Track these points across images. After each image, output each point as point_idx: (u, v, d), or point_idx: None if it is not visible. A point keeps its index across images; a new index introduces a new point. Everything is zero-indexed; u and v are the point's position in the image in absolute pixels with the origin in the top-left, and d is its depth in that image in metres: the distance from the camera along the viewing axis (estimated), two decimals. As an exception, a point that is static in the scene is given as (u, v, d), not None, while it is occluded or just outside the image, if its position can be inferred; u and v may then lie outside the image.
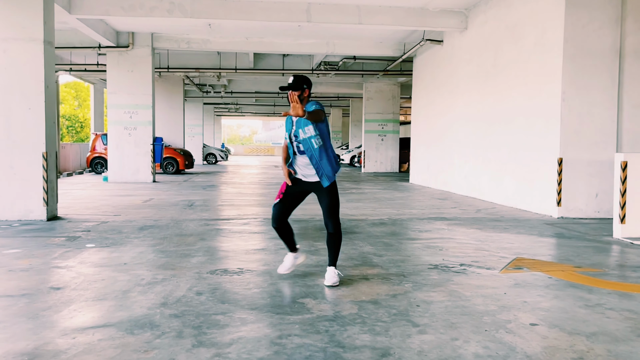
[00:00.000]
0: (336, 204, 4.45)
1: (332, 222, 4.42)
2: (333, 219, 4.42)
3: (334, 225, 4.43)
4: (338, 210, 4.47)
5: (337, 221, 4.44)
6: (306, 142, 4.32)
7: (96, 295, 4.08)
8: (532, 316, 3.66)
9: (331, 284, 4.40)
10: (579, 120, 8.59)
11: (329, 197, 4.42)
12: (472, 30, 12.15)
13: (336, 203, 4.45)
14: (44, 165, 7.90)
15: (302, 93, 4.31)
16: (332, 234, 4.46)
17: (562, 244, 6.42)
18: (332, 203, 4.42)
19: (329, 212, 4.42)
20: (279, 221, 4.54)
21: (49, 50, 8.00)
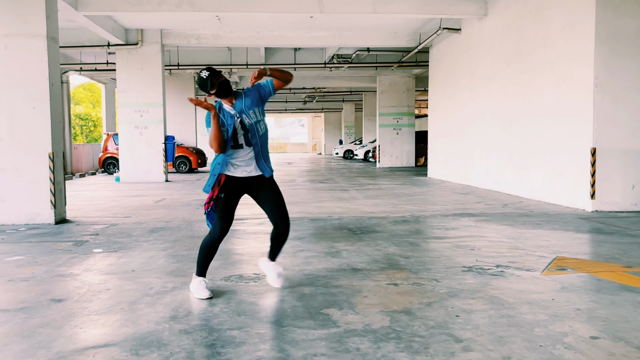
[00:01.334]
0: (282, 196, 4.05)
1: (286, 218, 3.98)
2: (287, 215, 3.99)
3: (288, 222, 4.00)
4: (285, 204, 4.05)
5: (288, 217, 4.02)
6: (253, 127, 3.82)
7: (100, 308, 3.71)
8: (590, 327, 3.21)
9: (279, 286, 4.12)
10: (613, 107, 8.05)
11: (275, 190, 3.98)
12: (492, 17, 11.61)
13: (282, 196, 4.05)
14: (50, 166, 7.57)
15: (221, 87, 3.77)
16: (286, 232, 4.01)
17: (604, 241, 5.93)
18: (281, 195, 4.01)
19: (281, 207, 3.97)
20: (223, 233, 3.87)
21: (52, 47, 7.66)
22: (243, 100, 3.85)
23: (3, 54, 7.43)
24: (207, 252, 3.96)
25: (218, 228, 3.87)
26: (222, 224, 3.88)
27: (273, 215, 4.00)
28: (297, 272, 4.68)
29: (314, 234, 6.50)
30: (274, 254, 4.20)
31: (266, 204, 4.00)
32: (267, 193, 3.97)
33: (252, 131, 3.84)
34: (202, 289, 3.94)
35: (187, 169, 19.76)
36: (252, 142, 3.86)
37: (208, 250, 3.96)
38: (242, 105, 3.84)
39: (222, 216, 3.88)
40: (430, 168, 16.40)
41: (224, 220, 3.89)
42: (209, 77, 3.69)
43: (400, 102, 22.54)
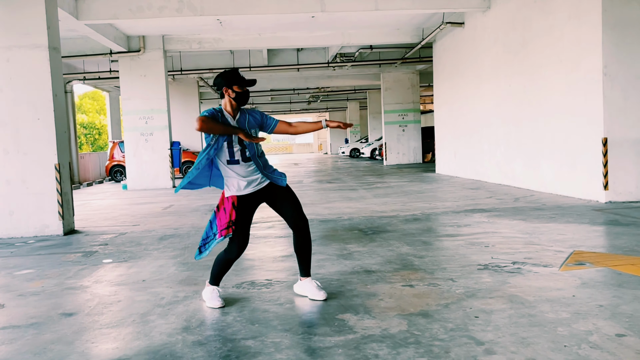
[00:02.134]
0: (299, 200, 3.91)
1: (303, 221, 3.84)
2: (304, 217, 3.85)
3: (306, 224, 3.84)
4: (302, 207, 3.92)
5: (306, 220, 3.89)
6: (252, 146, 3.72)
7: (111, 321, 3.64)
8: (615, 324, 3.11)
9: (323, 298, 3.84)
10: (624, 95, 7.91)
11: (291, 194, 3.85)
12: (496, 9, 11.47)
13: (298, 200, 3.91)
14: (57, 177, 7.54)
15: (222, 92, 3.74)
16: (307, 237, 3.84)
17: (621, 233, 5.81)
18: (297, 199, 3.87)
19: (299, 210, 3.83)
20: (240, 252, 3.78)
21: (54, 57, 7.62)
22: (247, 118, 3.79)
23: (6, 66, 7.41)
24: (222, 267, 3.89)
25: (235, 248, 3.76)
26: (239, 243, 3.76)
27: (292, 219, 3.83)
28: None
29: (325, 236, 6.41)
30: (304, 268, 3.94)
31: (284, 210, 3.86)
32: (284, 197, 3.85)
33: (250, 148, 3.72)
34: (215, 298, 3.86)
35: (194, 173, 19.71)
36: (249, 157, 3.73)
37: (223, 265, 3.88)
38: (245, 122, 3.77)
39: (239, 236, 3.76)
40: (438, 164, 16.27)
41: (240, 240, 3.76)
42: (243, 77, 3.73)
43: (405, 99, 22.41)
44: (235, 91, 3.70)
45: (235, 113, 3.77)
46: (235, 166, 3.72)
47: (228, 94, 3.72)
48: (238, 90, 3.70)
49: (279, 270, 4.88)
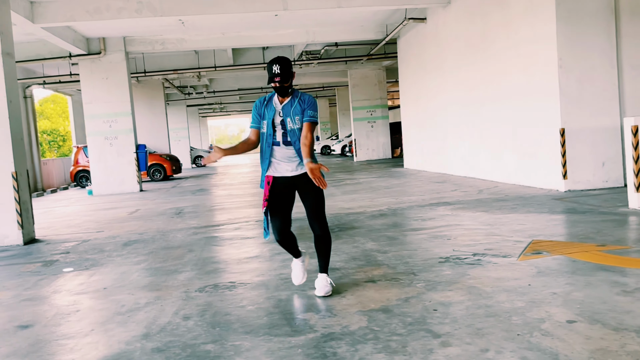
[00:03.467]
0: (323, 200, 3.89)
1: (319, 222, 3.86)
2: (321, 218, 3.86)
3: (322, 225, 3.86)
4: (324, 207, 3.91)
5: (325, 221, 3.89)
6: (294, 132, 3.79)
7: (69, 332, 3.57)
8: (567, 311, 3.20)
9: (324, 294, 3.86)
10: (579, 86, 8.13)
11: (316, 193, 3.84)
12: (456, 4, 11.64)
13: (323, 199, 3.89)
14: (14, 185, 7.33)
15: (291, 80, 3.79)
16: (321, 236, 3.89)
17: (578, 220, 5.98)
18: (319, 199, 3.86)
19: (317, 210, 3.85)
20: (282, 233, 3.88)
21: (8, 63, 7.41)
22: (294, 104, 3.81)
23: (-44, 73, 7.17)
24: (284, 246, 4.02)
25: (275, 231, 3.90)
26: (275, 225, 3.88)
27: (309, 218, 3.91)
28: (274, 276, 4.60)
29: (291, 235, 6.40)
30: (320, 265, 3.98)
31: (305, 205, 3.91)
32: (308, 194, 3.86)
33: (292, 135, 3.79)
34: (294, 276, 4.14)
35: (162, 176, 19.48)
36: (291, 141, 3.80)
37: (283, 245, 4.01)
38: (291, 109, 3.81)
39: (274, 218, 3.88)
40: (406, 159, 16.43)
41: (276, 222, 3.87)
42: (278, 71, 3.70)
43: (373, 95, 22.56)
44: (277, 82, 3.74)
45: (283, 99, 3.83)
46: (280, 149, 3.83)
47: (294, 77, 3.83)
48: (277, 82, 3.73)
49: (243, 272, 4.86)
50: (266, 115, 3.82)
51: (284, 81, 3.72)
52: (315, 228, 3.89)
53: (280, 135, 3.80)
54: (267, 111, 3.83)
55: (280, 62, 3.72)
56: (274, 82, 3.73)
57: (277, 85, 3.74)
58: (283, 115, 3.80)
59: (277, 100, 3.85)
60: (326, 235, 3.91)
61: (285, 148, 3.82)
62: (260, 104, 3.89)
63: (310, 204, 3.86)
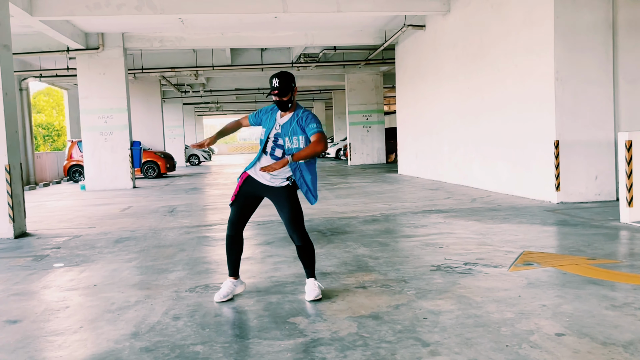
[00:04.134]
0: (300, 210, 3.93)
1: (298, 232, 3.90)
2: (300, 229, 3.90)
3: (302, 235, 3.91)
4: (302, 217, 3.94)
5: (304, 231, 3.93)
6: (291, 151, 3.81)
7: (57, 328, 3.55)
8: (555, 324, 3.22)
9: (313, 298, 3.87)
10: (575, 99, 8.18)
11: (292, 203, 3.87)
12: (455, 13, 11.70)
13: (300, 210, 3.92)
14: (7, 178, 7.29)
15: (292, 95, 3.82)
16: (302, 247, 3.94)
17: (569, 233, 6.01)
18: (297, 210, 3.89)
19: (295, 221, 3.88)
20: (235, 227, 3.93)
21: (5, 55, 7.38)
22: (294, 125, 3.80)
23: (-48, 63, 7.12)
24: (227, 247, 4.01)
25: (230, 224, 3.96)
26: (230, 217, 3.96)
27: (287, 229, 3.96)
28: (265, 279, 4.60)
29: (284, 238, 6.41)
30: (309, 272, 4.02)
31: (282, 216, 3.95)
32: (283, 205, 3.89)
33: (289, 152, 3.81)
34: (218, 291, 4.02)
35: (156, 174, 19.42)
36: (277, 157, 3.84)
37: (227, 245, 4.01)
38: (289, 128, 3.82)
39: (233, 211, 3.95)
40: (400, 164, 16.47)
41: (232, 214, 3.95)
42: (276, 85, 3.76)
43: (369, 100, 22.60)
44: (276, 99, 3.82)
45: (284, 114, 3.88)
46: (266, 158, 3.89)
47: (296, 91, 3.89)
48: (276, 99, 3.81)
49: (234, 273, 4.85)
50: (265, 125, 3.91)
51: (282, 95, 3.76)
52: (295, 239, 3.94)
53: (270, 148, 3.88)
54: (268, 121, 3.91)
55: (280, 76, 3.78)
56: (273, 96, 3.79)
57: (276, 99, 3.81)
58: (281, 133, 3.84)
59: (279, 115, 3.91)
60: (307, 244, 3.95)
61: (271, 160, 3.86)
62: (265, 111, 4.00)
63: (287, 215, 3.89)
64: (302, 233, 3.91)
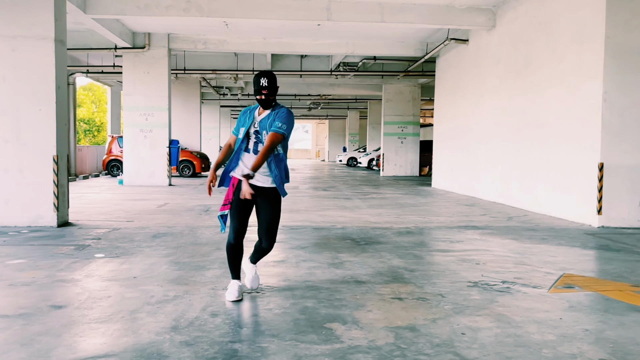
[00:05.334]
0: (279, 217, 4.07)
1: (271, 238, 4.05)
2: (273, 235, 4.06)
3: (272, 241, 4.07)
4: (279, 224, 4.10)
5: (275, 237, 4.09)
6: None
7: (100, 316, 3.66)
8: (599, 349, 3.15)
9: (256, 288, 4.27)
10: (622, 122, 7.99)
11: (274, 207, 3.99)
12: (501, 28, 11.58)
13: (279, 216, 4.07)
14: (54, 169, 7.55)
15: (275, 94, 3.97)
16: (266, 249, 4.13)
17: (611, 258, 5.86)
18: (276, 215, 4.02)
19: (272, 226, 4.01)
20: (238, 237, 3.99)
21: (60, 49, 7.66)
22: (271, 118, 3.94)
23: (11, 55, 7.44)
24: (229, 255, 4.09)
25: (231, 232, 3.99)
26: (233, 226, 3.98)
27: (261, 229, 4.07)
28: (301, 283, 4.63)
29: (317, 244, 6.44)
30: (254, 260, 4.29)
31: (260, 218, 4.05)
32: (267, 207, 4.00)
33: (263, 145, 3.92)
34: (229, 292, 4.08)
35: (191, 173, 19.74)
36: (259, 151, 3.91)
37: (229, 254, 4.08)
38: (267, 122, 3.95)
39: (233, 219, 3.97)
40: (434, 178, 16.33)
41: (234, 223, 3.97)
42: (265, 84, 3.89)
43: (406, 111, 22.51)
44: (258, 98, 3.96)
45: (262, 112, 4.02)
46: (246, 154, 3.98)
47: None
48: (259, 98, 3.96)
49: (270, 275, 4.90)
50: (245, 123, 4.00)
51: (270, 94, 3.92)
52: (264, 242, 4.07)
53: (252, 144, 3.98)
54: (247, 120, 4.01)
55: (268, 76, 3.93)
56: (260, 94, 3.91)
57: (263, 98, 3.92)
58: (259, 127, 3.97)
59: (258, 112, 4.04)
60: (270, 249, 4.13)
61: (254, 157, 3.94)
62: (243, 113, 4.10)
63: (270, 217, 4.00)
64: (274, 239, 4.09)
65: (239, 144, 4.00)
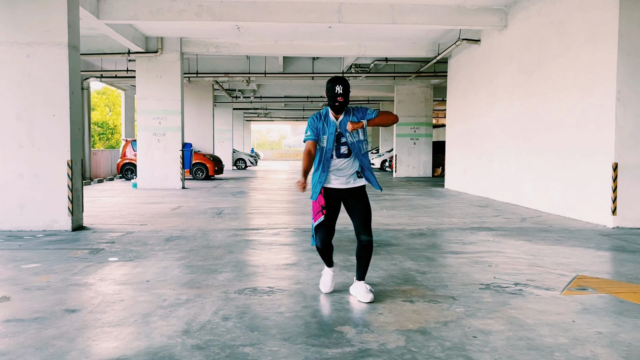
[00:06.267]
0: (371, 211, 4.22)
1: (369, 231, 4.15)
2: (370, 228, 4.16)
3: (370, 234, 4.17)
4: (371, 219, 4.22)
5: (371, 232, 4.19)
6: (354, 145, 4.11)
7: (114, 320, 3.70)
8: (613, 352, 3.11)
9: (370, 300, 4.08)
10: (636, 121, 7.88)
11: (366, 204, 4.16)
12: (513, 28, 11.50)
13: (370, 210, 4.22)
14: (69, 173, 7.65)
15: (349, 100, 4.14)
16: (367, 246, 4.15)
17: (625, 259, 5.78)
18: (369, 210, 4.18)
19: (367, 220, 4.15)
20: (327, 241, 4.17)
21: (74, 55, 7.76)
22: (351, 118, 4.10)
23: (25, 61, 7.55)
24: (321, 254, 4.30)
25: (320, 240, 4.15)
26: (321, 234, 4.13)
27: (358, 227, 4.13)
28: (312, 285, 4.63)
29: (329, 246, 6.43)
30: (359, 273, 4.23)
31: (355, 215, 4.16)
32: (358, 204, 4.14)
33: (353, 148, 4.09)
34: (323, 282, 4.36)
35: (204, 176, 19.86)
36: (346, 155, 4.09)
37: (322, 254, 4.31)
38: (346, 123, 4.09)
39: (322, 227, 4.12)
40: (447, 179, 16.25)
41: (323, 231, 4.12)
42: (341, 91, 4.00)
43: (418, 112, 22.43)
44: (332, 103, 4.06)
45: (337, 115, 4.12)
46: (336, 161, 4.11)
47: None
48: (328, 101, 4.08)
49: (281, 278, 4.92)
50: (326, 131, 4.08)
51: (346, 101, 4.04)
52: (364, 236, 4.14)
53: (335, 149, 4.09)
54: (327, 126, 4.09)
55: (343, 83, 4.02)
56: (335, 101, 4.01)
57: (338, 105, 4.03)
58: (342, 130, 4.08)
59: (333, 117, 4.13)
60: (371, 245, 4.18)
61: (340, 161, 4.10)
62: (316, 120, 4.15)
63: (363, 212, 4.13)
64: (371, 232, 4.16)
65: (325, 154, 4.07)
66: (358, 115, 4.14)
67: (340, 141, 4.10)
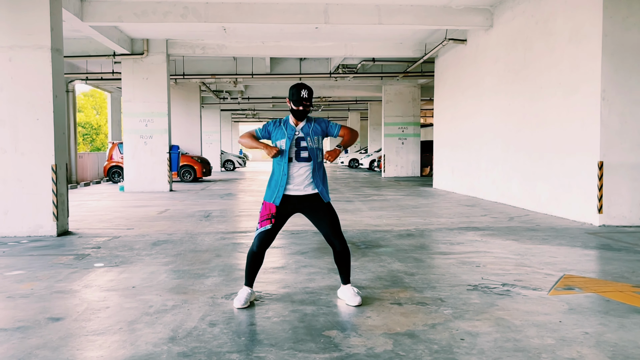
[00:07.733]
0: (337, 216, 4.18)
1: (339, 238, 4.13)
2: (340, 235, 4.15)
3: (342, 241, 4.15)
4: (339, 222, 4.20)
5: (343, 236, 4.17)
6: (313, 150, 4.07)
7: (98, 328, 3.64)
8: (599, 353, 3.12)
9: (357, 304, 4.07)
10: (621, 120, 7.96)
11: (330, 212, 4.12)
12: (498, 28, 11.56)
13: (337, 215, 4.18)
14: (53, 178, 7.55)
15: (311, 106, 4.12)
16: (342, 252, 4.15)
17: (612, 258, 5.83)
18: (336, 219, 4.14)
19: (335, 227, 4.12)
20: (264, 246, 4.11)
21: (57, 58, 7.66)
22: (312, 126, 4.10)
23: (7, 65, 7.44)
24: (250, 262, 4.15)
25: (257, 241, 4.08)
26: (262, 239, 4.06)
27: (327, 236, 4.13)
28: (300, 289, 4.61)
29: (318, 249, 6.42)
30: (343, 277, 4.23)
31: (321, 225, 4.13)
32: (322, 214, 4.11)
33: (312, 152, 4.05)
34: (237, 298, 4.11)
35: (192, 178, 19.75)
36: (307, 160, 4.05)
37: (250, 261, 4.15)
38: (309, 130, 4.09)
39: (266, 232, 4.05)
40: (435, 179, 16.31)
41: (265, 236, 4.06)
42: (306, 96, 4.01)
43: (406, 112, 22.49)
44: (290, 105, 4.07)
45: (298, 122, 4.11)
46: (295, 165, 4.05)
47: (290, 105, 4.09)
48: (291, 106, 4.06)
49: (269, 282, 4.89)
50: (284, 135, 4.06)
51: (309, 106, 4.05)
52: (336, 244, 4.13)
53: (294, 153, 4.06)
54: (285, 132, 4.07)
55: (308, 89, 4.04)
56: (300, 105, 4.00)
57: (301, 109, 4.03)
58: (303, 136, 4.07)
59: (293, 123, 4.13)
60: (346, 249, 4.17)
61: (300, 165, 4.06)
62: (273, 124, 4.16)
63: (327, 222, 4.11)
64: (343, 238, 4.16)
65: (282, 157, 4.03)
66: (322, 125, 4.13)
67: (300, 145, 4.06)
